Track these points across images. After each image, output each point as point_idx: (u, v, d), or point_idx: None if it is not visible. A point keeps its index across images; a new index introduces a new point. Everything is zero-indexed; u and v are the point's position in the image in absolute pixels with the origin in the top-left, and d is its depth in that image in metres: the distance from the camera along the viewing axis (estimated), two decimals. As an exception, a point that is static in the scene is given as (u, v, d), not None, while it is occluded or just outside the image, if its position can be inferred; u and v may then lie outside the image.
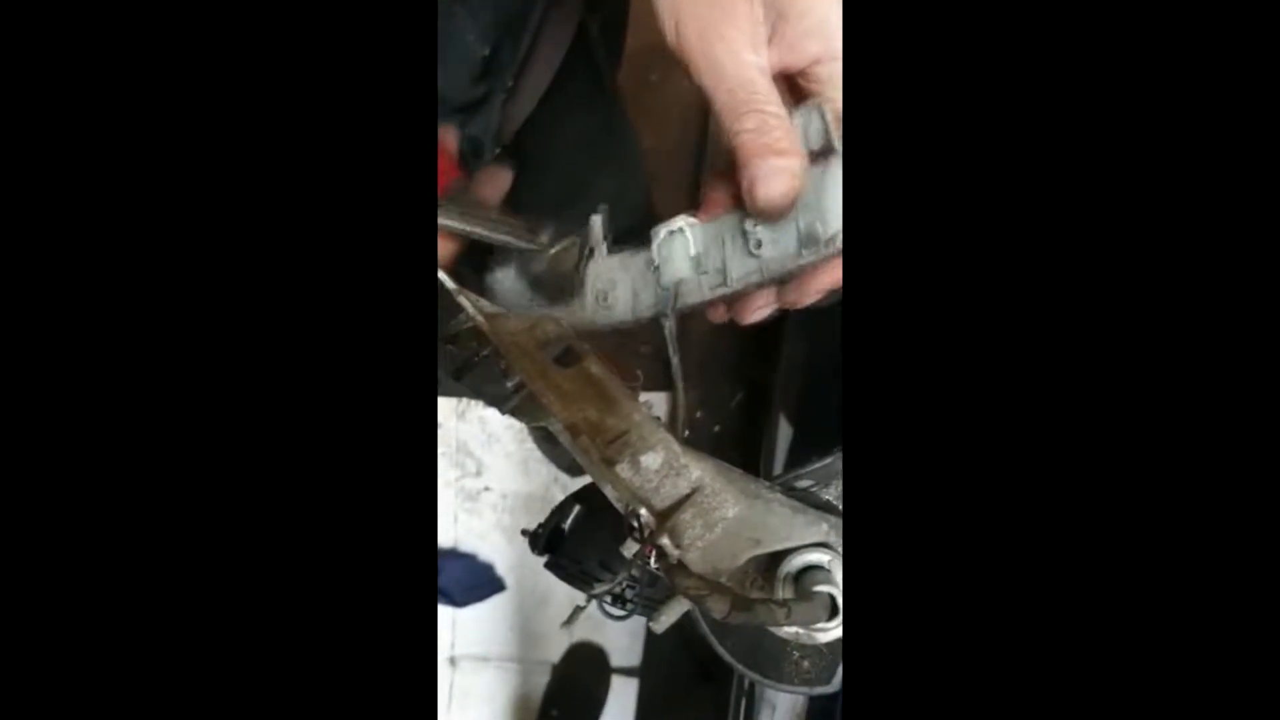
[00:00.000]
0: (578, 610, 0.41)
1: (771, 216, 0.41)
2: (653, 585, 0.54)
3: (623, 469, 0.37)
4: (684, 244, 0.45)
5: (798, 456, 1.01)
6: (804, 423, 1.07)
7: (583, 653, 1.64)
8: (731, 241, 0.44)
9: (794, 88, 0.43)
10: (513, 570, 1.65)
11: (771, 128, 0.40)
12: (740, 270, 0.44)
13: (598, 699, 1.61)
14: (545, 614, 1.65)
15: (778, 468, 1.10)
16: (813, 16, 0.40)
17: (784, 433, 1.14)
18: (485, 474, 1.64)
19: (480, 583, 1.63)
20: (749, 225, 0.43)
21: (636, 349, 1.50)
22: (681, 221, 0.45)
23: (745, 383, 1.42)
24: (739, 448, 1.37)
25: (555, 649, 1.65)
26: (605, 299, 0.49)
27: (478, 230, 0.49)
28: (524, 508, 1.65)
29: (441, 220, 0.48)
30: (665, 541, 0.35)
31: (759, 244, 0.43)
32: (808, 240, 0.41)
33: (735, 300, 0.46)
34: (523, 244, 0.50)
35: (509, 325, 0.44)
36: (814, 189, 0.41)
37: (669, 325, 0.45)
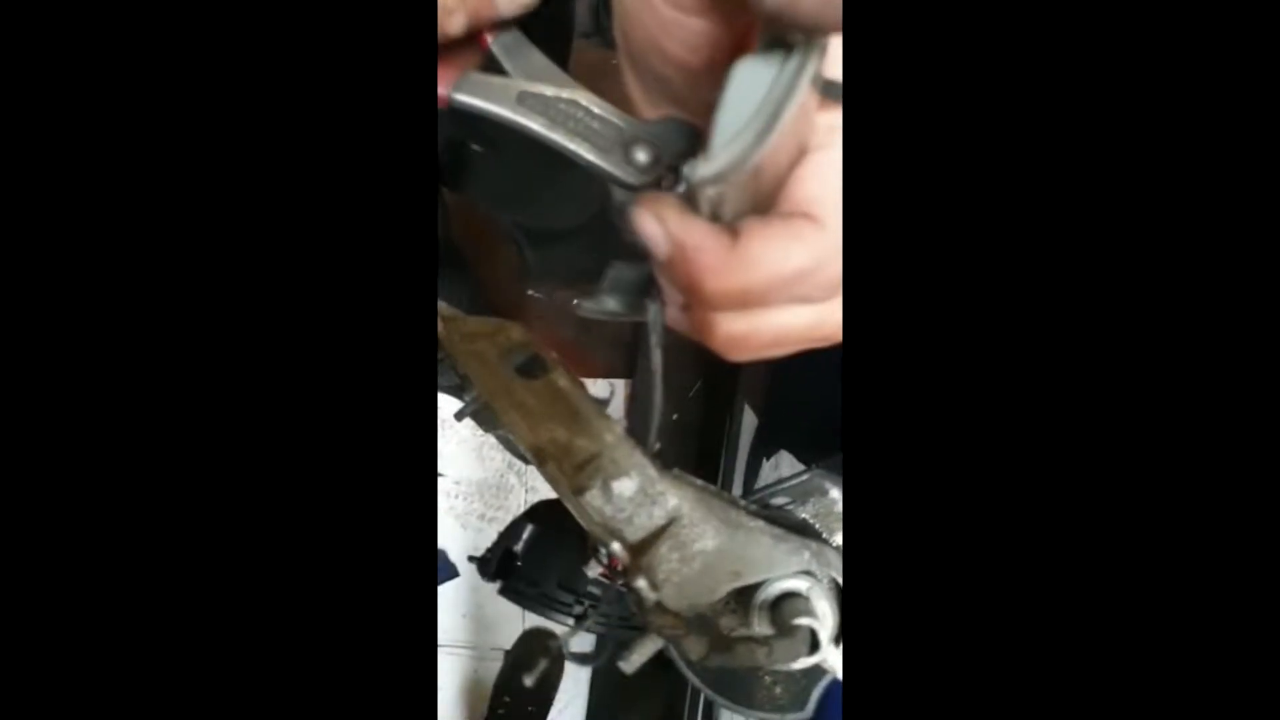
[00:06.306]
0: (565, 645, 0.38)
1: None
2: (615, 604, 0.51)
3: (593, 496, 0.34)
4: None
5: (765, 447, 0.98)
6: (771, 412, 1.05)
7: (536, 639, 1.61)
8: None
9: None
10: (465, 557, 1.61)
11: None
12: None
13: (551, 685, 1.59)
14: (497, 601, 1.61)
15: (741, 457, 1.08)
16: None
17: (748, 422, 1.12)
18: (438, 460, 1.59)
19: (432, 569, 1.60)
20: None
21: (603, 334, 1.46)
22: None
23: (705, 369, 1.38)
24: (697, 438, 1.34)
25: (508, 636, 1.62)
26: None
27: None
28: (478, 494, 1.61)
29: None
30: (641, 583, 0.31)
31: None
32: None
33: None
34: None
35: (468, 328, 0.40)
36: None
37: (655, 308, 0.34)
